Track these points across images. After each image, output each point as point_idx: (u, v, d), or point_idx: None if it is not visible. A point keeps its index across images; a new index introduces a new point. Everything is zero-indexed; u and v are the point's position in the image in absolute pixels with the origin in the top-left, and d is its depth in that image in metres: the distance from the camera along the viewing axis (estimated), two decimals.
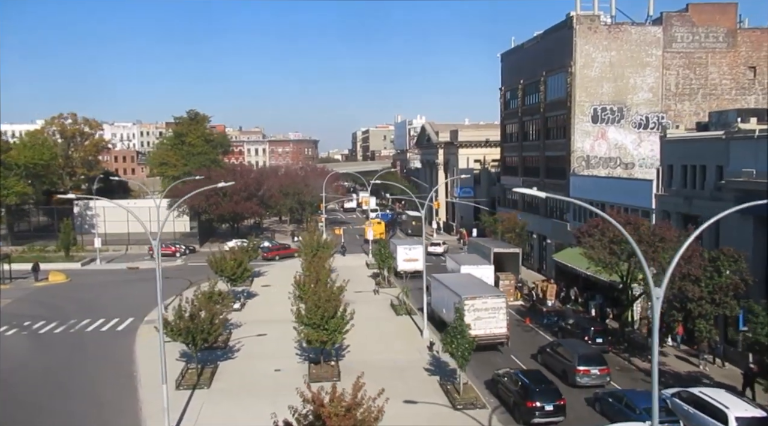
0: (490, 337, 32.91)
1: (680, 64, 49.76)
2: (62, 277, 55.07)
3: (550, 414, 23.87)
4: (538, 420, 23.90)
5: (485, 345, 32.66)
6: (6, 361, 32.41)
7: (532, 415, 23.88)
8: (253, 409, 25.95)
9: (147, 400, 26.94)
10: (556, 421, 24.06)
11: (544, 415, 23.87)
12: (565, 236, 49.96)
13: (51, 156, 78.61)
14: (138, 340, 36.33)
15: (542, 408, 23.87)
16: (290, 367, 31.31)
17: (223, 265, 43.31)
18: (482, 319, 33.03)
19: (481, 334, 31.92)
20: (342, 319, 29.56)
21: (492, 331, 33.10)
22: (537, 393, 24.30)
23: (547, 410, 23.86)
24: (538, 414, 23.87)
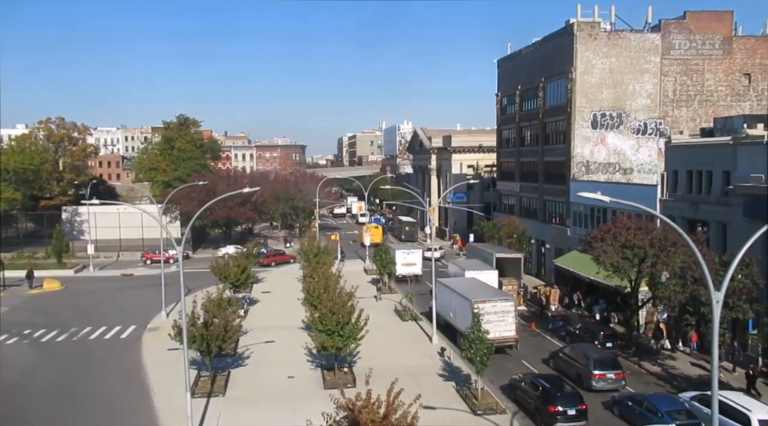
0: (499, 340, 33.05)
1: (678, 70, 50.49)
2: (57, 284, 54.13)
3: (573, 418, 24.00)
4: (561, 425, 23.95)
5: (495, 348, 31.73)
6: (12, 370, 31.75)
7: (554, 419, 23.95)
8: (272, 417, 25.74)
9: (162, 409, 26.54)
10: (578, 425, 24.12)
11: (567, 420, 23.99)
12: (566, 241, 50.37)
13: (41, 161, 77.41)
14: (144, 347, 35.82)
15: (565, 413, 24.00)
16: (303, 374, 31.08)
17: (227, 271, 42.91)
18: (492, 322, 33.06)
19: (490, 338, 31.09)
20: (356, 325, 29.43)
21: (501, 334, 33.30)
22: (559, 398, 24.38)
23: (570, 415, 24.00)
24: (561, 418, 23.98)
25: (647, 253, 29.14)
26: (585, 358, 28.64)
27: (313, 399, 27.68)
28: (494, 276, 43.71)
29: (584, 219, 47.52)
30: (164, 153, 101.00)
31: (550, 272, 53.53)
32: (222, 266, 43.57)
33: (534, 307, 45.22)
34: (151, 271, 65.04)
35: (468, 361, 27.01)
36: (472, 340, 26.41)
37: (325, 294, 34.44)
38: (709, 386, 27.83)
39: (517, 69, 61.60)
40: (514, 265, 48.41)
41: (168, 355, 33.84)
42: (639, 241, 29.36)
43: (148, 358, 33.51)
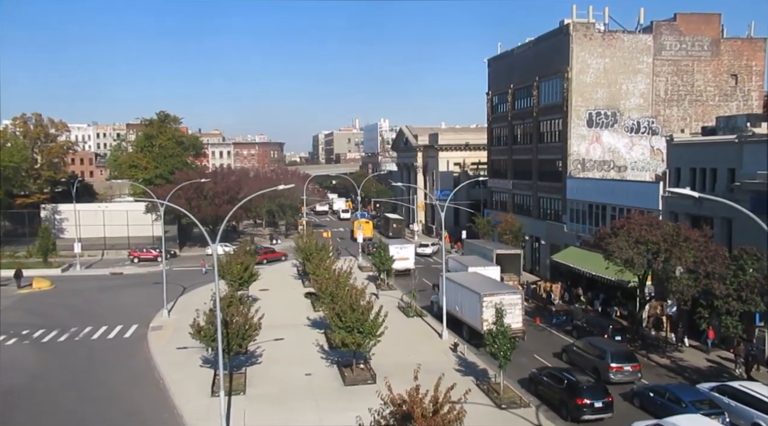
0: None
1: (669, 71, 51.64)
2: (47, 283, 52.83)
3: (600, 410, 24.44)
4: (588, 417, 24.41)
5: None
6: (19, 372, 30.99)
7: (581, 412, 24.39)
8: (298, 415, 25.63)
9: (185, 409, 26.16)
10: (605, 417, 24.60)
11: (594, 412, 24.42)
12: (562, 238, 51.14)
13: (22, 158, 75.34)
14: (152, 347, 35.22)
15: (592, 405, 24.39)
16: (320, 371, 30.98)
17: (230, 268, 42.43)
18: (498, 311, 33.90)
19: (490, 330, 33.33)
20: (375, 322, 29.45)
21: (509, 327, 33.73)
22: (586, 390, 24.77)
23: (597, 407, 24.42)
24: (588, 411, 24.36)
25: (660, 248, 29.81)
26: (602, 351, 29.20)
27: (335, 396, 27.71)
28: (497, 272, 44.17)
29: (582, 216, 48.31)
30: (145, 150, 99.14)
31: (545, 268, 54.32)
32: (224, 264, 43.05)
33: (535, 302, 45.84)
34: (140, 269, 64.09)
35: (491, 355, 27.26)
36: (495, 334, 26.70)
37: (339, 291, 34.54)
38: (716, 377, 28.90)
39: (509, 68, 62.21)
40: (514, 261, 48.96)
41: (178, 355, 33.45)
42: (653, 237, 30.03)
43: (158, 358, 32.95)
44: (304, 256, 52.64)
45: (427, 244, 71.60)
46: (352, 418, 24.78)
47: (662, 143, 52.15)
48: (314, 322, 40.65)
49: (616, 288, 41.60)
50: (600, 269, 41.72)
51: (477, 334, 35.71)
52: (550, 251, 52.92)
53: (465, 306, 37.12)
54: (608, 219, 44.45)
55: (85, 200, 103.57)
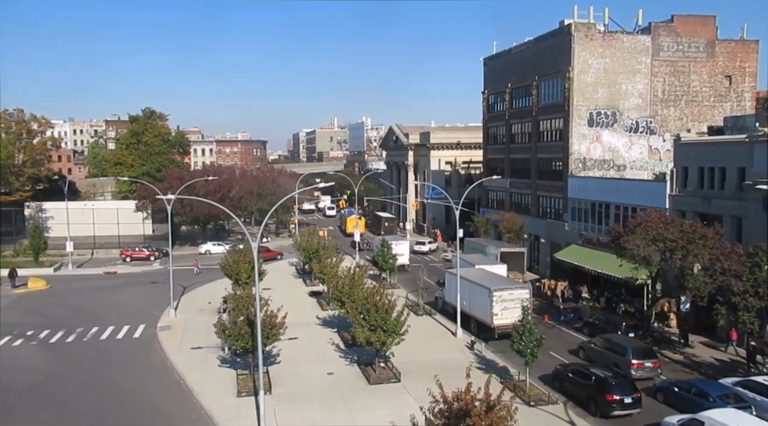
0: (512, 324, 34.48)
1: (666, 71, 52.53)
2: (42, 283, 51.69)
3: (629, 406, 24.87)
4: (618, 412, 24.78)
5: (510, 332, 33.20)
6: (34, 372, 30.36)
7: (611, 408, 24.76)
8: (328, 414, 25.51)
9: (213, 409, 25.85)
10: (634, 412, 24.98)
11: (624, 408, 24.82)
12: (563, 236, 51.71)
13: (7, 154, 73.55)
14: (165, 347, 34.70)
15: (621, 401, 24.78)
16: (341, 370, 30.89)
17: (238, 268, 42.00)
18: (509, 308, 35.18)
19: (507, 323, 34.22)
20: (398, 321, 29.45)
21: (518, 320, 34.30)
22: (615, 386, 25.12)
23: (627, 402, 24.83)
24: (618, 406, 24.76)
25: (677, 246, 30.34)
26: (622, 348, 29.63)
27: (362, 395, 27.65)
28: (503, 269, 44.50)
29: (584, 214, 48.91)
30: (130, 147, 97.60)
31: (544, 266, 54.90)
32: (232, 263, 42.61)
33: (540, 300, 46.32)
34: (134, 268, 63.11)
35: (517, 353, 27.46)
36: (522, 332, 26.94)
37: (355, 290, 34.52)
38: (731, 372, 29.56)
39: (507, 67, 62.64)
40: (518, 259, 49.41)
41: (194, 355, 33.10)
42: (670, 234, 30.55)
43: (174, 358, 32.49)
44: (306, 255, 52.40)
45: (423, 242, 72.04)
46: (383, 417, 24.99)
47: (660, 143, 53.26)
48: (325, 321, 40.51)
49: (620, 285, 42.30)
50: (605, 266, 42.57)
51: (486, 328, 36.43)
52: (551, 249, 53.50)
53: (474, 301, 37.58)
54: (612, 217, 45.16)
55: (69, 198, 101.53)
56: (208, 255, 72.97)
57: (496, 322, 35.75)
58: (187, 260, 67.32)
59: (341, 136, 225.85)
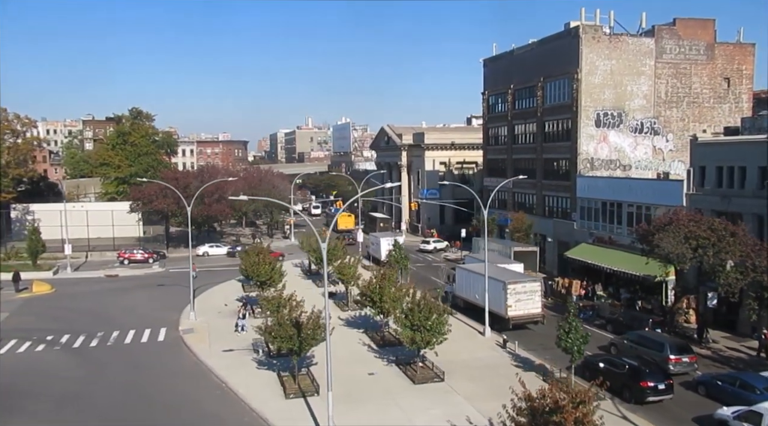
0: (528, 316, 37.92)
1: (669, 73, 53.75)
2: (47, 287, 50.45)
3: (662, 392, 26.24)
4: (652, 398, 26.04)
5: (522, 323, 37.85)
6: (68, 378, 29.64)
7: (645, 394, 26.14)
8: (382, 414, 25.47)
9: (266, 412, 25.59)
10: (667, 398, 26.23)
11: (657, 394, 26.18)
12: (572, 235, 52.47)
13: None
14: (195, 350, 34.16)
15: (655, 387, 26.17)
16: (381, 370, 30.88)
17: (259, 269, 41.59)
18: (522, 301, 37.69)
19: (521, 314, 37.51)
20: (440, 320, 29.54)
21: (530, 311, 37.87)
22: (648, 374, 26.52)
23: (660, 389, 26.23)
24: (651, 393, 26.09)
25: (709, 243, 31.12)
26: (659, 344, 30.28)
27: (411, 395, 27.64)
28: (520, 268, 45.03)
29: (594, 213, 49.71)
30: (116, 148, 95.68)
31: (552, 265, 55.59)
32: (252, 264, 42.17)
33: (554, 299, 46.93)
34: (135, 271, 61.95)
35: (564, 351, 27.78)
36: (567, 330, 27.31)
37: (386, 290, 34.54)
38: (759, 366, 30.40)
39: (509, 68, 63.29)
40: (530, 257, 49.98)
41: (227, 358, 32.72)
42: (702, 232, 31.31)
43: (209, 362, 31.99)
44: (317, 257, 52.02)
45: (428, 241, 73.02)
46: (439, 417, 25.09)
47: (663, 143, 54.48)
48: (348, 322, 40.42)
49: (635, 282, 43.15)
50: (621, 264, 43.43)
51: (499, 320, 37.74)
52: (558, 248, 54.25)
53: (483, 294, 38.69)
54: (625, 216, 46.04)
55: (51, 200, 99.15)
56: (206, 257, 72.09)
57: (510, 314, 37.56)
58: (184, 263, 66.21)
59: (321, 137, 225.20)
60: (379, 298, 34.45)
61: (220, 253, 73.50)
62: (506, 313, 37.38)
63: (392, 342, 35.60)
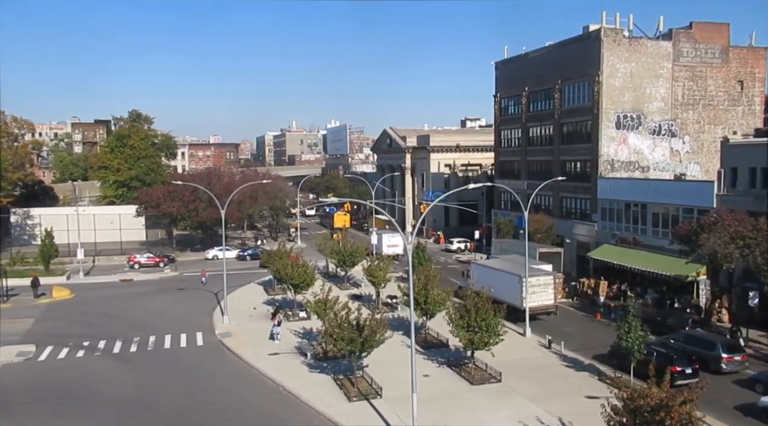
0: (542, 307, 40.18)
1: (685, 76, 54.52)
2: (67, 292, 49.51)
3: (690, 376, 27.73)
4: (681, 382, 26.96)
5: (537, 314, 39.63)
6: (120, 383, 29.11)
7: (674, 378, 26.57)
8: (452, 416, 25.40)
9: (333, 415, 25.34)
10: (694, 382, 26.40)
11: (685, 378, 27.55)
12: (592, 235, 52.88)
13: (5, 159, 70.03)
14: (241, 354, 33.71)
15: (683, 371, 27.87)
16: (434, 372, 30.79)
17: (293, 271, 41.21)
18: (536, 293, 39.98)
19: (535, 306, 39.42)
20: (495, 321, 29.56)
21: (543, 303, 40.29)
22: (676, 359, 28.36)
23: (687, 373, 27.92)
24: (679, 376, 27.40)
25: (756, 242, 31.60)
26: (711, 343, 30.64)
27: (472, 396, 27.61)
28: (549, 269, 45.18)
29: (617, 214, 50.17)
30: (116, 151, 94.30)
31: (570, 265, 55.89)
32: (282, 268, 41.80)
33: (579, 300, 47.27)
34: (150, 275, 61.05)
35: (625, 351, 27.90)
36: (628, 330, 27.51)
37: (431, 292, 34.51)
38: None
39: (523, 71, 63.68)
40: (555, 258, 50.24)
41: (276, 361, 32.44)
42: (749, 232, 31.79)
43: (259, 365, 31.58)
44: (339, 259, 51.78)
45: (452, 241, 76.37)
46: (509, 418, 25.08)
47: (680, 145, 55.21)
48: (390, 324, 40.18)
49: (663, 283, 43.65)
50: (649, 264, 43.90)
51: (514, 311, 38.77)
52: (577, 249, 54.65)
53: (503, 287, 40.92)
54: (650, 217, 46.54)
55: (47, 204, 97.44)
56: (215, 260, 71.21)
57: (526, 305, 39.05)
58: (195, 266, 65.46)
59: (312, 140, 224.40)
60: (424, 300, 34.38)
61: (230, 257, 72.60)
62: (523, 304, 38.86)
63: (435, 343, 35.56)
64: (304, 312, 42.36)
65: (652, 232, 46.26)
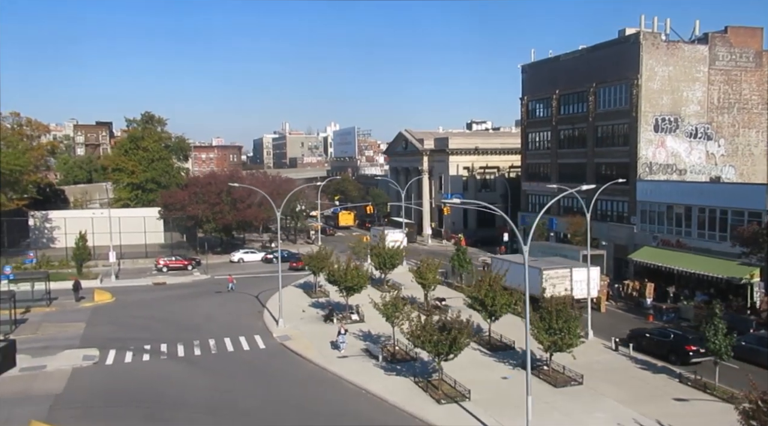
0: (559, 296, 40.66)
1: (721, 80, 54.95)
2: (108, 296, 48.93)
3: (704, 355, 30.44)
4: (695, 359, 31.18)
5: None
6: (201, 388, 28.67)
7: (689, 356, 31.62)
8: (546, 419, 25.17)
9: (430, 418, 25.15)
10: (707, 360, 29.80)
11: (699, 356, 31.13)
12: (630, 238, 53.11)
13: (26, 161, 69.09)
14: (308, 356, 33.44)
15: (698, 350, 31.22)
16: (512, 374, 30.65)
17: (348, 274, 40.92)
18: (555, 285, 42.38)
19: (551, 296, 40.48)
20: (575, 322, 29.52)
21: (562, 294, 40.64)
22: (692, 340, 32.09)
23: (701, 352, 30.72)
24: (694, 355, 31.41)
25: None
26: None
27: (560, 398, 27.51)
28: (596, 271, 45.36)
29: (657, 217, 50.39)
30: (129, 153, 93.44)
31: (608, 268, 56.01)
32: (336, 271, 41.54)
33: (623, 302, 47.41)
34: (178, 278, 60.40)
35: (712, 353, 27.90)
36: (716, 332, 27.53)
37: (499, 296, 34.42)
38: None
39: (553, 74, 63.88)
40: (598, 261, 50.28)
41: (348, 363, 32.27)
42: None
43: (332, 368, 31.31)
44: (379, 261, 51.53)
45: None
46: (606, 420, 25.03)
47: (716, 148, 55.59)
48: None
49: (711, 284, 43.86)
50: (695, 266, 44.11)
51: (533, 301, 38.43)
52: (614, 251, 54.82)
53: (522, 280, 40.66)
54: (695, 220, 46.77)
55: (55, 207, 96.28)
56: (241, 263, 70.80)
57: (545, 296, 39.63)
58: (222, 269, 64.93)
59: (312, 142, 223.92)
60: (492, 302, 34.28)
61: (256, 259, 72.29)
62: (543, 295, 39.07)
63: (500, 346, 35.43)
64: (356, 314, 42.24)
65: (698, 234, 46.51)
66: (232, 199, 73.51)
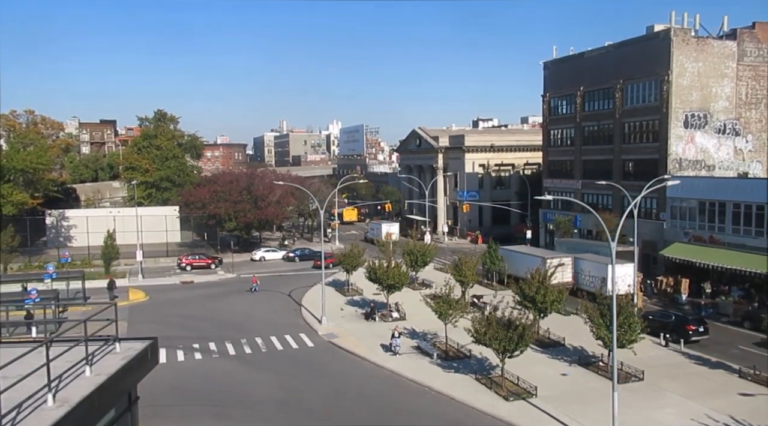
0: (561, 284, 42.28)
1: (749, 76, 55.09)
2: (142, 295, 48.72)
3: (702, 334, 35.41)
4: (694, 337, 35.05)
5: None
6: (266, 386, 28.63)
7: (689, 335, 35.10)
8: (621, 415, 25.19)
9: (503, 414, 25.16)
10: (705, 338, 34.97)
11: (698, 335, 35.35)
12: (659, 234, 53.22)
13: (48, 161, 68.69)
14: (360, 354, 33.42)
15: (697, 330, 35.49)
16: (570, 371, 30.69)
17: (390, 272, 40.86)
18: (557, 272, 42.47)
19: (555, 283, 40.34)
20: (635, 318, 29.55)
21: (563, 280, 45.04)
22: (691, 320, 36.32)
23: (700, 331, 35.54)
24: (694, 334, 35.16)
25: None
26: None
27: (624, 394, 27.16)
28: (630, 268, 45.51)
29: (689, 213, 50.51)
30: (143, 151, 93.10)
31: None
32: (381, 267, 41.45)
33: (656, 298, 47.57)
34: (204, 277, 60.15)
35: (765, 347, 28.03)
36: None
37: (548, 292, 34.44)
38: None
39: (577, 71, 63.88)
40: (629, 257, 50.40)
41: (403, 361, 32.07)
42: None
43: (388, 365, 31.31)
44: (412, 259, 51.39)
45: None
46: (677, 416, 25.05)
47: (744, 144, 55.77)
48: None
49: (747, 280, 44.02)
50: (732, 262, 44.28)
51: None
52: (644, 247, 54.89)
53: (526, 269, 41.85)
54: (729, 215, 46.89)
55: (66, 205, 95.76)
56: (263, 261, 70.58)
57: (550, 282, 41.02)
58: (244, 268, 64.73)
59: (315, 140, 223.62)
60: (542, 299, 34.28)
61: (277, 257, 72.06)
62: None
63: (549, 343, 35.47)
64: (397, 312, 42.18)
65: (732, 229, 46.64)
66: (253, 197, 73.34)
